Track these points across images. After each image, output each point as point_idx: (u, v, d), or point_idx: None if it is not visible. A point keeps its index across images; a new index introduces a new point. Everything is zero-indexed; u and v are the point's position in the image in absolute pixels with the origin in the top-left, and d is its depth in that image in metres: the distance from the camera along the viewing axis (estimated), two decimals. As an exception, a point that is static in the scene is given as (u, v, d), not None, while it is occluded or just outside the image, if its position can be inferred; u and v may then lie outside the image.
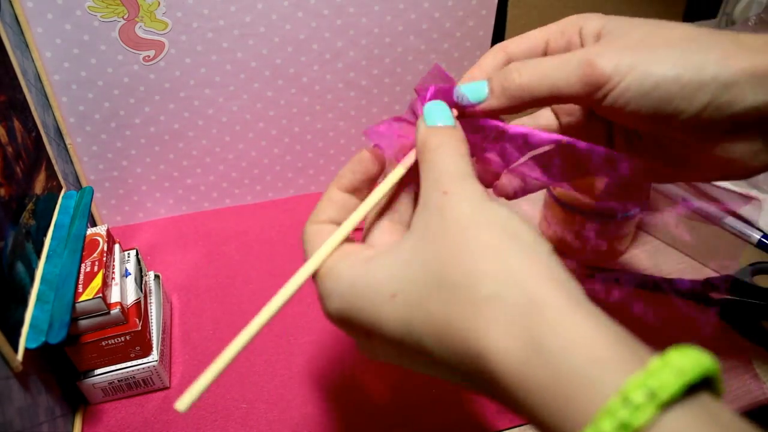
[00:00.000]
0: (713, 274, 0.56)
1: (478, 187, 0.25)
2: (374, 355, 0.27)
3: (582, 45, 0.31)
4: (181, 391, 0.47)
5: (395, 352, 0.25)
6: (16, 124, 0.43)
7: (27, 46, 0.49)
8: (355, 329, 0.26)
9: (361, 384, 0.47)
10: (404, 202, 0.30)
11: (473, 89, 0.30)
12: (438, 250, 0.23)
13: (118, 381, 0.45)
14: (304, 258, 0.28)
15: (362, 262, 0.25)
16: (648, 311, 0.51)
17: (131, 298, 0.45)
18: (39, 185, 0.45)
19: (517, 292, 0.21)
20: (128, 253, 0.49)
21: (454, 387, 0.47)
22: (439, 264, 0.23)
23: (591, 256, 0.59)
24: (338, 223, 0.29)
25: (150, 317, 0.48)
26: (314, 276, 0.27)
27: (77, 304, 0.41)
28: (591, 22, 0.31)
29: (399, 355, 0.25)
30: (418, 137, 0.28)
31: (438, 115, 0.28)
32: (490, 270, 0.21)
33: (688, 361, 0.18)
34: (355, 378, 0.47)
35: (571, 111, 0.36)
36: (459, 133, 0.28)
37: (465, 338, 0.21)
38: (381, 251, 0.26)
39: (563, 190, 0.54)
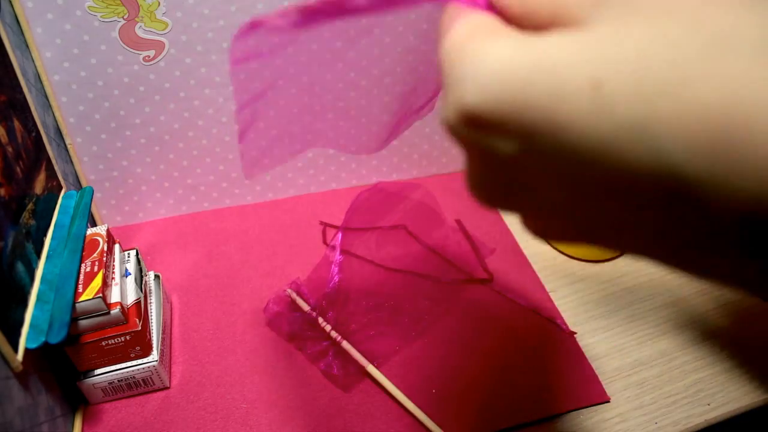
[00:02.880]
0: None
1: None
2: (510, 195, 0.18)
3: None
4: (181, 391, 0.47)
5: (568, 185, 0.16)
6: (16, 124, 0.43)
7: (27, 46, 0.49)
8: (503, 138, 0.16)
9: (361, 383, 0.47)
10: None
11: None
12: (681, 16, 0.14)
13: (118, 381, 0.45)
14: (438, 52, 0.19)
15: (524, 41, 0.16)
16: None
17: (131, 298, 0.45)
18: (39, 185, 0.45)
19: None
20: (128, 253, 0.49)
21: (454, 386, 0.47)
22: (696, 27, 0.14)
23: (590, 255, 0.59)
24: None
25: (150, 317, 0.48)
26: (444, 71, 0.18)
27: (77, 304, 0.41)
28: None
29: (575, 193, 0.16)
30: None
31: None
32: None
33: None
34: (354, 378, 0.47)
35: None
36: None
37: None
38: (554, 31, 0.16)
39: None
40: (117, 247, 0.48)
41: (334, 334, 0.48)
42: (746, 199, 0.13)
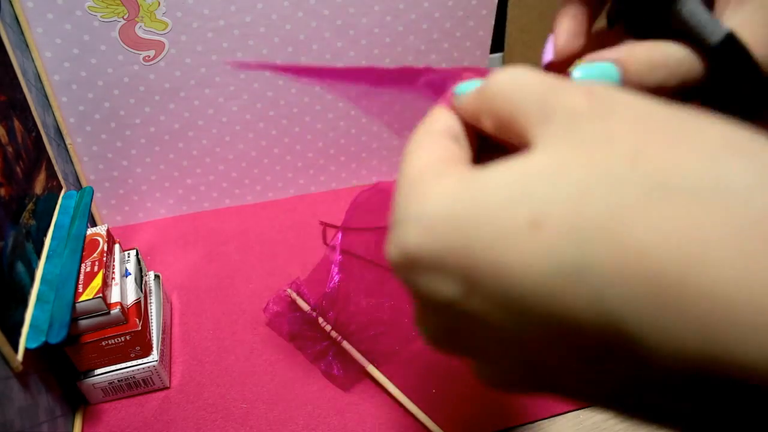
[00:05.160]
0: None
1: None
2: (457, 343, 0.18)
3: None
4: (181, 391, 0.47)
5: (511, 329, 0.15)
6: (17, 124, 0.43)
7: (27, 46, 0.49)
8: (443, 280, 0.16)
9: (361, 383, 0.47)
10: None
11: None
12: (622, 148, 0.14)
13: (118, 381, 0.45)
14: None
15: (467, 180, 0.16)
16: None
17: (131, 298, 0.45)
18: (39, 185, 0.45)
19: None
20: (128, 253, 0.49)
21: (454, 386, 0.47)
22: (636, 163, 0.14)
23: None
24: (458, 141, 0.20)
25: (150, 317, 0.48)
26: (393, 204, 0.18)
27: (77, 304, 0.41)
28: None
29: (519, 343, 0.15)
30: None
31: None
32: (722, 159, 0.13)
33: None
34: (354, 378, 0.47)
35: None
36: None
37: (715, 294, 0.12)
38: (497, 164, 0.16)
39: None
40: (117, 247, 0.48)
41: (334, 334, 0.48)
42: (685, 353, 0.12)
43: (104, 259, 0.44)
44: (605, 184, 0.13)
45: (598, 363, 0.14)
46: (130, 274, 0.47)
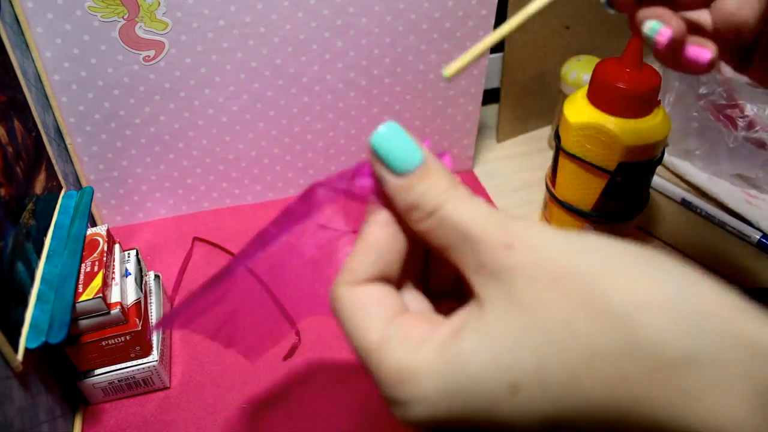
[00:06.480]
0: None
1: (535, 223, 0.20)
2: None
3: None
4: (181, 391, 0.47)
5: None
6: (17, 124, 0.43)
7: (27, 46, 0.49)
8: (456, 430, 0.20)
9: (361, 383, 0.47)
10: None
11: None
12: (566, 318, 0.17)
13: (118, 381, 0.45)
14: (349, 345, 0.21)
15: (441, 350, 0.19)
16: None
17: (131, 298, 0.45)
18: (39, 185, 0.45)
19: (721, 340, 0.16)
20: (128, 253, 0.49)
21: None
22: (580, 334, 0.17)
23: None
24: (387, 278, 0.22)
25: (150, 317, 0.48)
26: (374, 377, 0.21)
27: (77, 304, 0.41)
28: None
29: None
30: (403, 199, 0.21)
31: (406, 154, 0.21)
32: (667, 322, 0.16)
33: None
34: (355, 379, 0.47)
35: None
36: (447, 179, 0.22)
37: (659, 418, 0.16)
38: (453, 331, 0.19)
39: (562, 190, 0.54)
40: (117, 247, 0.48)
41: None
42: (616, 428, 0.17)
43: (104, 259, 0.44)
44: (555, 354, 0.17)
45: None
46: (130, 274, 0.47)
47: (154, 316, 0.48)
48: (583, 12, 0.67)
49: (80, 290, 0.41)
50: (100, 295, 0.41)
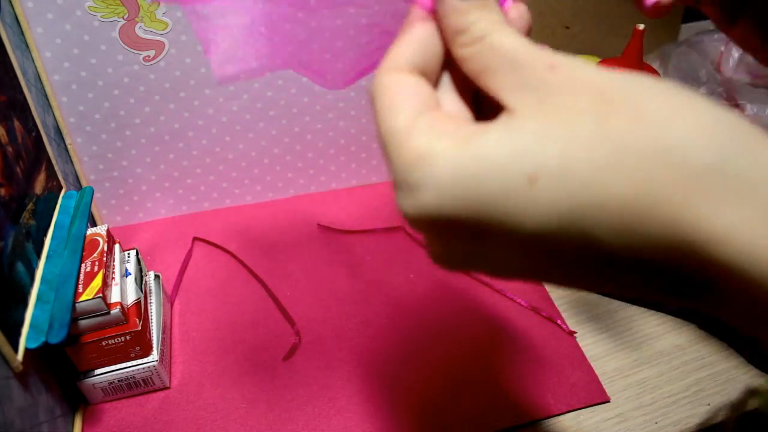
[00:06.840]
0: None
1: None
2: (471, 264, 0.21)
3: None
4: (181, 391, 0.47)
5: (520, 255, 0.19)
6: (17, 124, 0.43)
7: (27, 46, 0.49)
8: (460, 232, 0.19)
9: (361, 383, 0.47)
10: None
11: None
12: (599, 116, 0.17)
13: (118, 381, 0.45)
14: (377, 130, 0.21)
15: (464, 140, 0.19)
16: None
17: (131, 298, 0.45)
18: (39, 185, 0.45)
19: (745, 154, 0.16)
20: (128, 253, 0.49)
21: (451, 388, 0.47)
22: (612, 131, 0.17)
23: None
24: (425, 74, 0.22)
25: (150, 317, 0.48)
26: (392, 162, 0.20)
27: (77, 304, 0.41)
28: None
29: (526, 260, 0.19)
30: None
31: None
32: (701, 131, 0.16)
33: None
34: (355, 378, 0.47)
35: None
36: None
37: (681, 223, 0.16)
38: (485, 126, 0.19)
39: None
40: (117, 247, 0.48)
41: None
42: (651, 254, 0.17)
43: (104, 259, 0.44)
44: (581, 149, 0.17)
45: (570, 263, 0.18)
46: (130, 274, 0.47)
47: (154, 316, 0.48)
48: (583, 12, 0.67)
49: (80, 290, 0.41)
50: (100, 295, 0.41)
